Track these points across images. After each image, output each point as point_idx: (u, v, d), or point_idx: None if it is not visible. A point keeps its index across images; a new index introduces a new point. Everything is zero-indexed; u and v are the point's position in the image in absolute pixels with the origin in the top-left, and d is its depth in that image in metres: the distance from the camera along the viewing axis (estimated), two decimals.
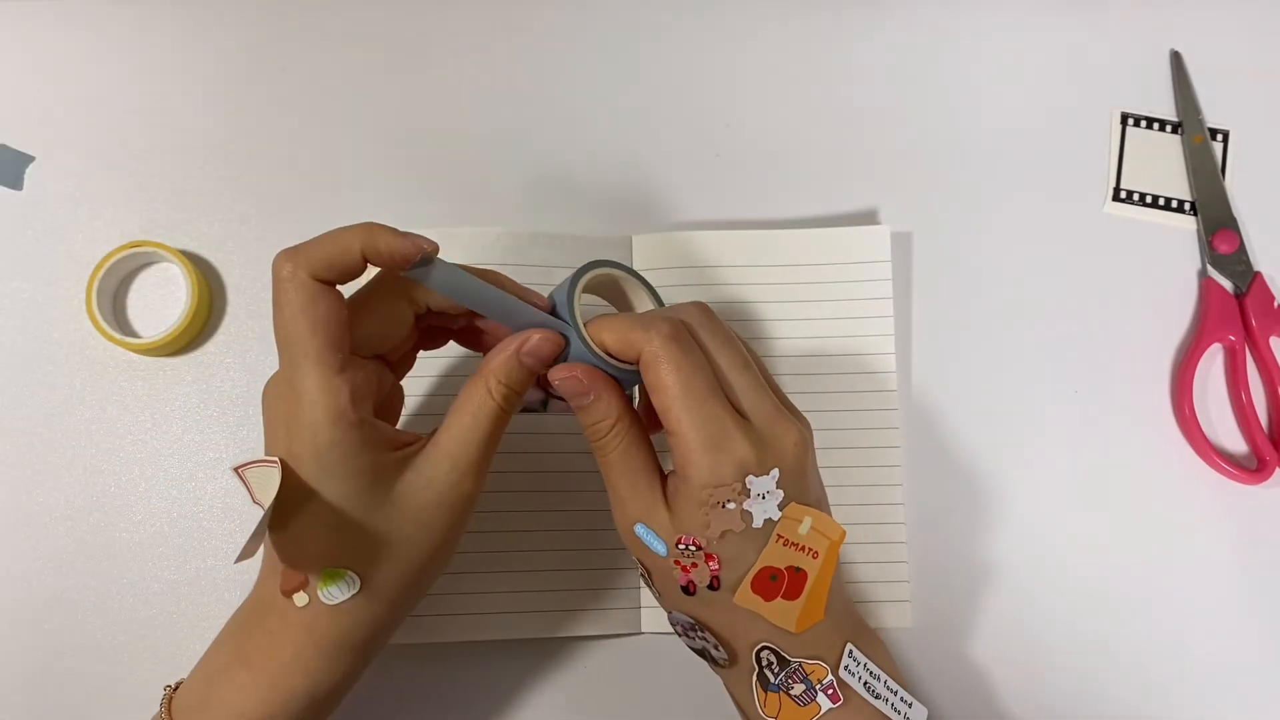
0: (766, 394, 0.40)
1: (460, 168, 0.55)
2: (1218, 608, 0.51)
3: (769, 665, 0.39)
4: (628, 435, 0.40)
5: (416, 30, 0.56)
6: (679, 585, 0.40)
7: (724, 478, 0.38)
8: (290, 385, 0.38)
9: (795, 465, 0.39)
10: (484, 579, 0.48)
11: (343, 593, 0.39)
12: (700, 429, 0.38)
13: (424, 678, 0.49)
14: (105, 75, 0.55)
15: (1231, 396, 0.54)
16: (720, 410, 0.39)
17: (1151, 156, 0.56)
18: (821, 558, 0.39)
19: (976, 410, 0.53)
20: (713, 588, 0.39)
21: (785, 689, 0.39)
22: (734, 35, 0.57)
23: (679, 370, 0.38)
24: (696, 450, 0.38)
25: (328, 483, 0.38)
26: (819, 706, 0.39)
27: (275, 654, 0.39)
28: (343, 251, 0.38)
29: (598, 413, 0.40)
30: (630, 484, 0.40)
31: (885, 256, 0.52)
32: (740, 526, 0.38)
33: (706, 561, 0.39)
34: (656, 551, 0.40)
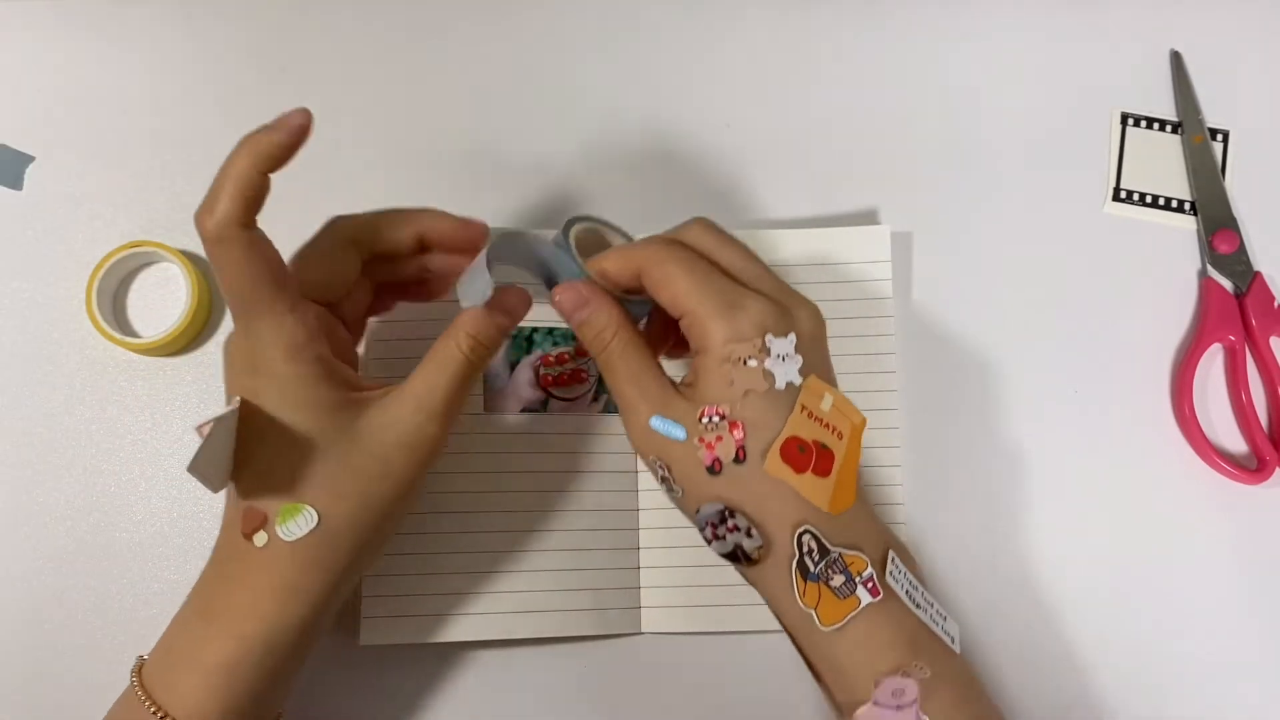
0: (776, 278, 0.41)
1: (460, 168, 0.55)
2: (1218, 608, 0.51)
3: (809, 552, 0.38)
4: (629, 342, 0.41)
5: (416, 31, 0.56)
6: (704, 467, 0.39)
7: (743, 333, 0.39)
8: (246, 334, 0.39)
9: (812, 336, 0.40)
10: (484, 579, 0.48)
11: (301, 528, 0.39)
12: (713, 299, 0.39)
13: (424, 678, 0.49)
14: (105, 75, 0.55)
15: (1231, 396, 0.54)
16: (730, 283, 0.40)
17: (1151, 156, 0.56)
18: (847, 439, 0.40)
19: (976, 410, 0.53)
20: (739, 460, 0.39)
21: (825, 579, 0.38)
22: (734, 35, 0.57)
23: (680, 261, 0.40)
24: (712, 318, 0.39)
25: (289, 414, 0.39)
26: (858, 600, 0.38)
27: (231, 600, 0.39)
28: (247, 184, 0.40)
29: (598, 322, 0.41)
30: (638, 386, 0.41)
31: (885, 256, 0.52)
32: (763, 386, 0.39)
33: (731, 431, 0.39)
34: (676, 438, 0.39)
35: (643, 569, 0.50)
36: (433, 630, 0.48)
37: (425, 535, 0.49)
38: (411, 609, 0.48)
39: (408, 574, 0.48)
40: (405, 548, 0.48)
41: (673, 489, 0.41)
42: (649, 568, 0.50)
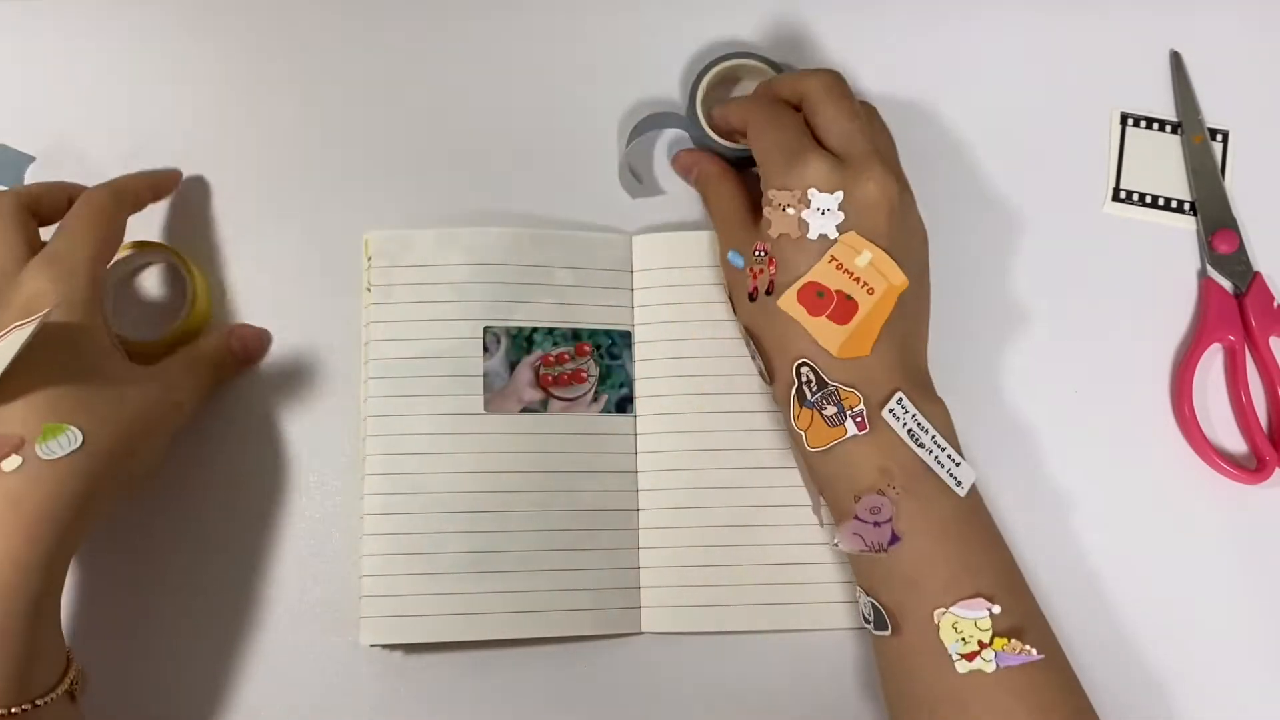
0: (863, 143, 0.45)
1: (460, 168, 0.55)
2: (1218, 608, 0.51)
3: (807, 382, 0.44)
4: (720, 185, 0.50)
5: (416, 31, 0.56)
6: (746, 293, 0.46)
7: (789, 184, 0.44)
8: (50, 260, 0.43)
9: (869, 203, 0.44)
10: (484, 579, 0.48)
11: (64, 447, 0.39)
12: (778, 152, 0.44)
13: (424, 678, 0.49)
14: (105, 75, 0.55)
15: (1231, 396, 0.54)
16: (803, 138, 0.45)
17: (1151, 156, 0.56)
18: (877, 295, 0.43)
19: (976, 410, 0.52)
20: (768, 292, 0.45)
21: (819, 408, 0.43)
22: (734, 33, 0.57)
23: (768, 118, 0.46)
24: (773, 163, 0.44)
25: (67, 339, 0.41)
26: (844, 430, 0.43)
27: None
28: None
29: (703, 172, 0.51)
30: (726, 223, 0.49)
31: None
32: (796, 233, 0.44)
33: (769, 266, 0.45)
34: (736, 265, 0.47)
35: (643, 569, 0.50)
36: (433, 630, 0.48)
37: (425, 535, 0.49)
38: (411, 609, 0.48)
39: (408, 574, 0.48)
40: (405, 548, 0.48)
41: (735, 306, 0.48)
42: (649, 568, 0.50)
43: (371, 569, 0.48)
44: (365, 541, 0.49)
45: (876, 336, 0.43)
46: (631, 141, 0.53)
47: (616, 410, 0.51)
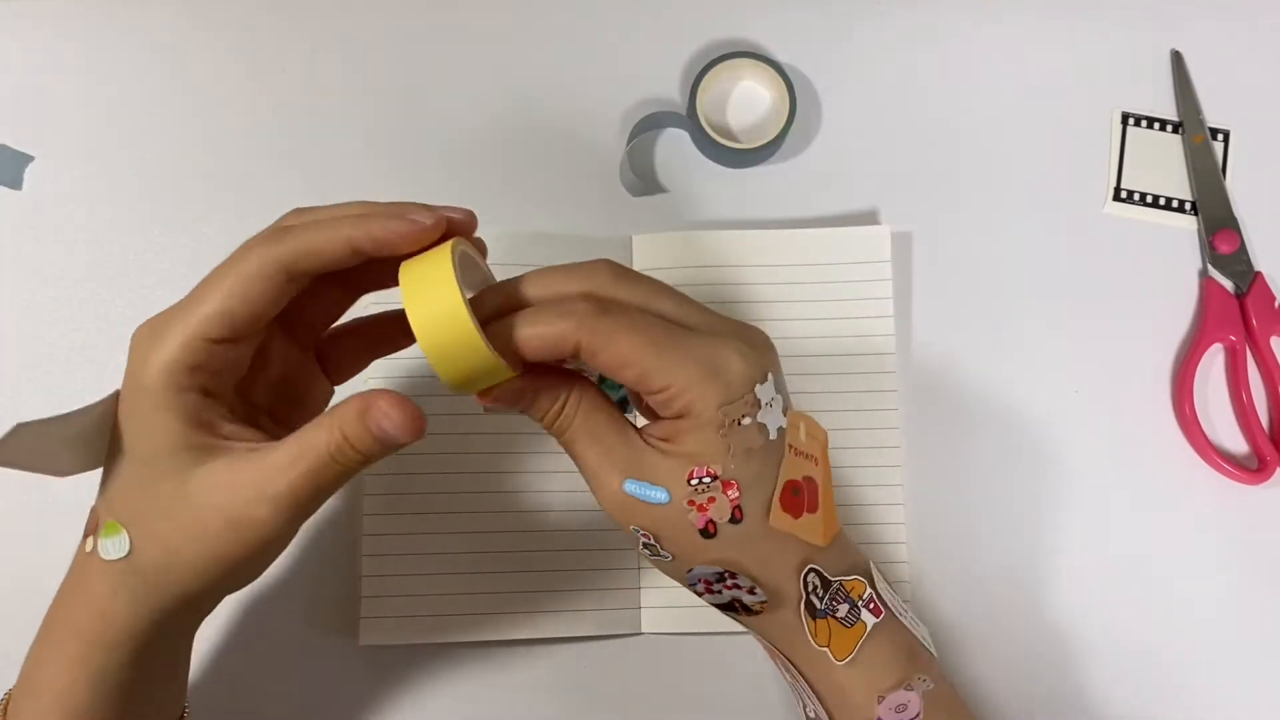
0: (714, 313, 0.37)
1: (459, 167, 0.55)
2: (1218, 608, 0.51)
3: (814, 590, 0.37)
4: (581, 407, 0.36)
5: (416, 31, 0.56)
6: (696, 530, 0.36)
7: (736, 391, 0.35)
8: (157, 319, 0.36)
9: (776, 366, 0.37)
10: (484, 579, 0.49)
11: (114, 551, 0.35)
12: (691, 366, 0.35)
13: (423, 678, 0.49)
14: (105, 75, 0.55)
15: (1232, 396, 0.54)
16: (693, 339, 0.35)
17: (1152, 156, 0.56)
18: (821, 462, 0.38)
19: (976, 410, 0.53)
20: (735, 520, 0.36)
21: (831, 612, 0.37)
22: (734, 34, 0.57)
23: (631, 329, 0.34)
24: (697, 383, 0.35)
25: (135, 428, 0.35)
26: (864, 625, 0.37)
27: (67, 624, 0.36)
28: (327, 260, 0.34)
29: (541, 407, 0.36)
30: (602, 449, 0.36)
31: (885, 256, 0.52)
32: (759, 441, 0.36)
33: (725, 491, 0.35)
34: (658, 502, 0.36)
35: (643, 569, 0.50)
36: (432, 631, 0.48)
37: (425, 535, 0.49)
38: (411, 609, 0.48)
39: (407, 574, 0.48)
40: (405, 548, 0.48)
41: (660, 554, 0.37)
42: (649, 568, 0.50)
43: (371, 569, 0.48)
44: (365, 541, 0.49)
45: (834, 504, 0.38)
46: (632, 141, 0.53)
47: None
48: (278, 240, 0.35)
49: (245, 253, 0.35)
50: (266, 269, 0.34)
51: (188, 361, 0.34)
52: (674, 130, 0.56)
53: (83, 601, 0.36)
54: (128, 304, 0.52)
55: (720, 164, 0.55)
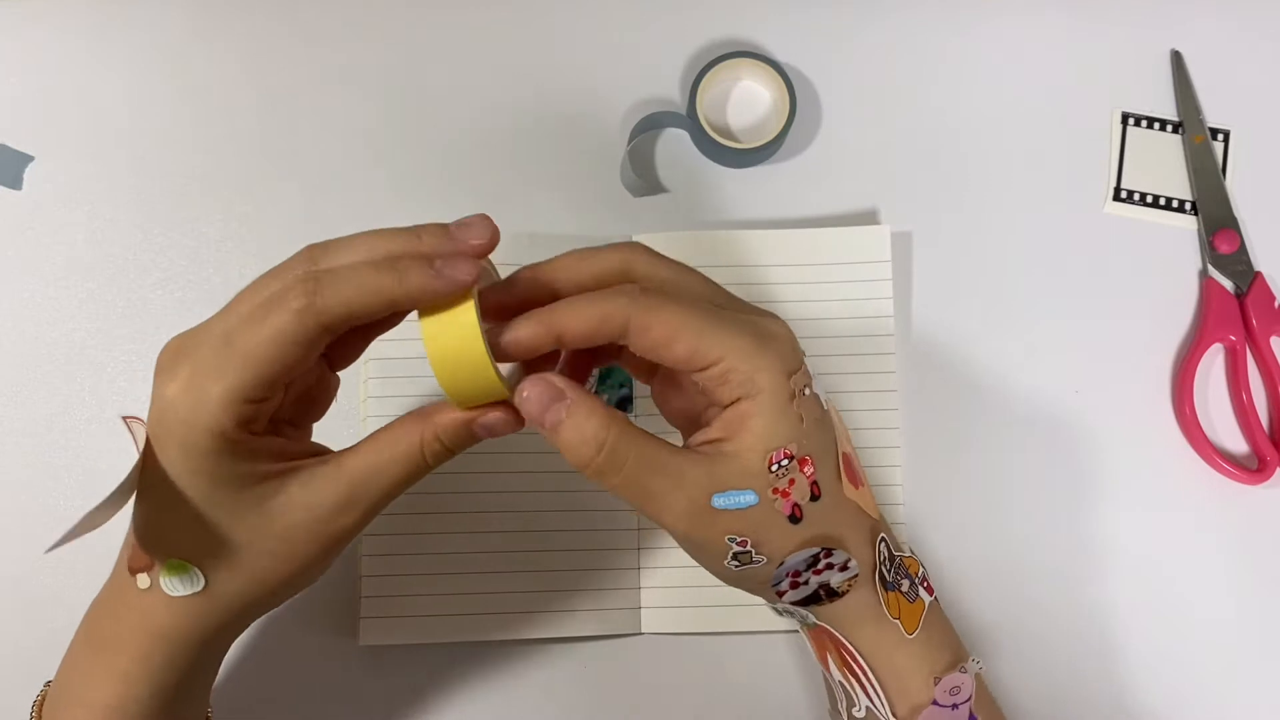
0: (740, 299, 0.38)
1: (460, 168, 0.55)
2: (1218, 607, 0.51)
3: (884, 561, 0.37)
4: (629, 433, 0.35)
5: (416, 32, 0.56)
6: (784, 518, 0.35)
7: (794, 363, 0.35)
8: (191, 373, 0.33)
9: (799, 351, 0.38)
10: (484, 579, 0.48)
11: (184, 587, 0.35)
12: (739, 336, 0.34)
13: (424, 678, 0.49)
14: (105, 75, 0.55)
15: (1232, 396, 0.54)
16: (734, 314, 0.36)
17: (1152, 156, 0.56)
18: (846, 433, 0.39)
19: (976, 410, 0.53)
20: (815, 497, 0.36)
21: (898, 586, 0.37)
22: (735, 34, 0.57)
23: (677, 306, 0.34)
24: (754, 354, 0.34)
25: (190, 480, 0.34)
26: (924, 602, 0.38)
27: (118, 640, 0.37)
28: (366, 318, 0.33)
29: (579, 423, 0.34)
30: (669, 475, 0.35)
31: (885, 256, 0.52)
32: (819, 411, 0.36)
33: (801, 470, 0.35)
34: (749, 504, 0.35)
35: (643, 569, 0.50)
36: (432, 631, 0.48)
37: (425, 535, 0.49)
38: (411, 609, 0.48)
39: (407, 574, 0.48)
40: (405, 548, 0.48)
41: (754, 560, 0.36)
42: (649, 568, 0.50)
43: (370, 569, 0.48)
44: (365, 542, 0.49)
45: None
46: (632, 141, 0.53)
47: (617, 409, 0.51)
48: (314, 295, 0.32)
49: (281, 308, 0.32)
50: (309, 333, 0.33)
51: (234, 421, 0.33)
52: (674, 130, 0.56)
53: (133, 624, 0.36)
54: (128, 304, 0.52)
55: (720, 164, 0.55)
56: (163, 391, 0.34)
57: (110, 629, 0.37)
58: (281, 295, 0.33)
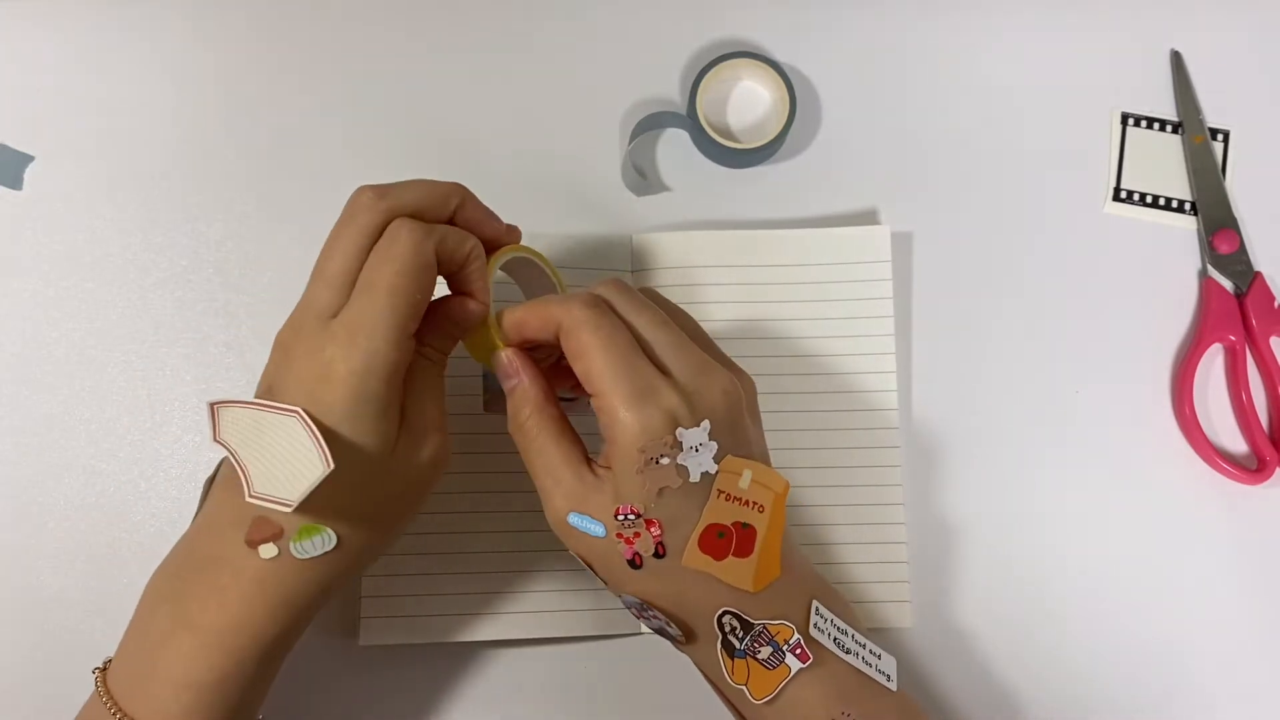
0: (690, 350, 0.40)
1: (460, 167, 0.54)
2: (1218, 608, 0.51)
3: (732, 631, 0.38)
4: (545, 427, 0.40)
5: (416, 32, 0.56)
6: (624, 560, 0.39)
7: (654, 431, 0.37)
8: (352, 332, 0.37)
9: (727, 416, 0.39)
10: (484, 579, 0.48)
11: (317, 548, 0.38)
12: (624, 384, 0.38)
13: (423, 678, 0.49)
14: (105, 75, 0.55)
15: (1232, 396, 0.54)
16: (643, 365, 0.38)
17: (1152, 156, 0.56)
18: (768, 511, 0.39)
19: (976, 410, 0.53)
20: (659, 555, 0.38)
21: (752, 653, 0.38)
22: (735, 35, 0.57)
23: (598, 330, 0.38)
24: (621, 406, 0.37)
25: (356, 429, 0.37)
26: (788, 669, 0.38)
27: (221, 613, 0.38)
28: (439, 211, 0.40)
29: (517, 397, 0.41)
30: (553, 477, 0.40)
31: (885, 256, 0.52)
32: (677, 482, 0.38)
33: (648, 528, 0.38)
34: (595, 535, 0.39)
35: None
36: (432, 631, 0.48)
37: (425, 536, 0.49)
38: (411, 609, 0.48)
39: (407, 574, 0.48)
40: (405, 548, 0.48)
41: (596, 578, 0.41)
42: None
43: (371, 569, 0.48)
44: None
45: (779, 551, 0.39)
46: (633, 141, 0.53)
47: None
48: (427, 229, 0.38)
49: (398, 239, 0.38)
50: (429, 257, 0.38)
51: (404, 357, 0.38)
52: (674, 130, 0.56)
53: (246, 595, 0.38)
54: (128, 304, 0.52)
55: (720, 164, 0.55)
56: (323, 357, 0.37)
57: (214, 605, 0.38)
58: (392, 235, 0.38)
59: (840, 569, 0.50)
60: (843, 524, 0.50)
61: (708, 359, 0.40)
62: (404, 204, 0.39)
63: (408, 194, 0.39)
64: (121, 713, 0.38)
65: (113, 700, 0.38)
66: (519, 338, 0.41)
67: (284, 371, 0.38)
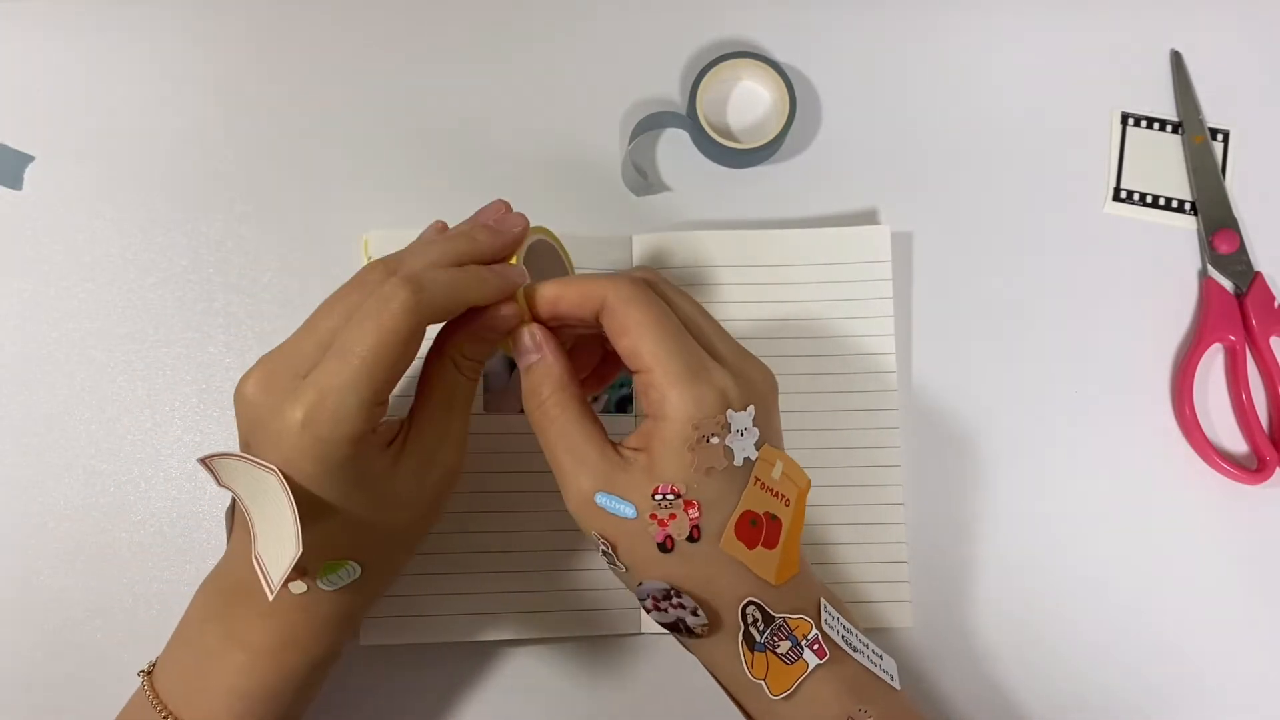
0: (730, 338, 0.40)
1: (460, 167, 0.55)
2: (1218, 607, 0.51)
3: (754, 623, 0.38)
4: (568, 405, 0.39)
5: (416, 31, 0.56)
6: (654, 544, 0.38)
7: (707, 409, 0.37)
8: (321, 396, 0.35)
9: (766, 405, 0.39)
10: (484, 579, 0.48)
11: (343, 579, 0.39)
12: (679, 359, 0.37)
13: (424, 678, 0.49)
14: (105, 75, 0.55)
15: (1232, 396, 0.54)
16: (693, 344, 0.38)
17: (1152, 156, 0.56)
18: (794, 505, 0.39)
19: (976, 410, 0.53)
20: (693, 539, 0.37)
21: (771, 647, 0.38)
22: (734, 35, 0.57)
23: (649, 307, 0.38)
24: (678, 382, 0.37)
25: (334, 492, 0.37)
26: (806, 664, 0.38)
27: (272, 634, 0.39)
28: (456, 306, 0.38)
29: (538, 373, 0.40)
30: (576, 456, 0.38)
31: (885, 256, 0.52)
32: (723, 463, 0.37)
33: (686, 510, 0.37)
34: (625, 516, 0.37)
35: None
36: (432, 630, 0.48)
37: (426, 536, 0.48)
38: (411, 609, 0.48)
39: (407, 574, 0.48)
40: None
41: (615, 564, 0.39)
42: None
43: None
44: None
45: (799, 548, 0.39)
46: (633, 140, 0.53)
47: (616, 410, 0.51)
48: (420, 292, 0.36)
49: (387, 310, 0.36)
50: (419, 328, 0.37)
51: (370, 426, 0.37)
52: (674, 130, 0.56)
53: (289, 620, 0.39)
54: (128, 304, 0.52)
55: (720, 164, 0.55)
56: (286, 420, 0.36)
57: (261, 627, 0.39)
58: (383, 300, 0.36)
59: (840, 569, 0.50)
60: (843, 524, 0.50)
61: (745, 349, 0.40)
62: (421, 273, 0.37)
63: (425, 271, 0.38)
64: (173, 717, 0.39)
65: (162, 704, 0.39)
66: (551, 313, 0.40)
67: (256, 427, 0.37)
